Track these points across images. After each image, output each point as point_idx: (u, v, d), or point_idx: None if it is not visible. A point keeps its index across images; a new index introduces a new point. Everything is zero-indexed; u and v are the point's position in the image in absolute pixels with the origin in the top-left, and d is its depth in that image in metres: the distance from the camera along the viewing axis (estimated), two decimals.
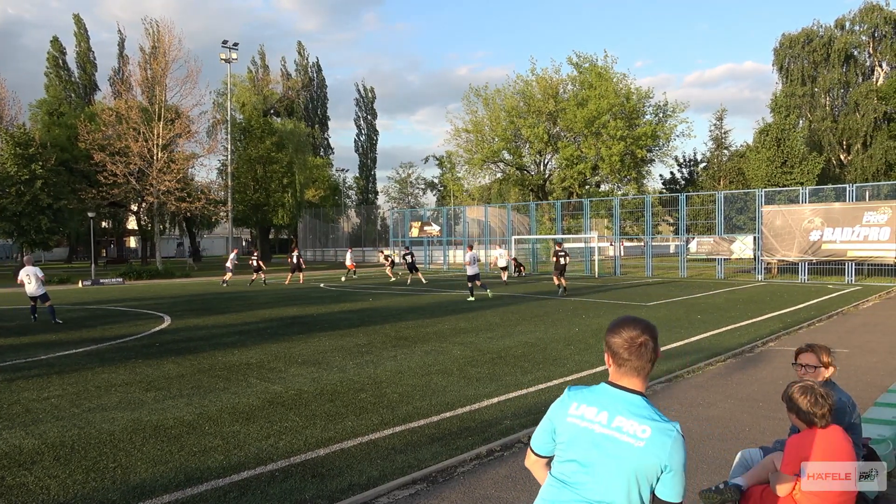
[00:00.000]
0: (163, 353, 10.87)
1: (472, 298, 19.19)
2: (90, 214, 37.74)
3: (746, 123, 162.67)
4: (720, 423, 6.53)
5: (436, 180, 79.90)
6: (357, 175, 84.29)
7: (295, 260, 28.32)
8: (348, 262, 32.33)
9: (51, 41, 59.67)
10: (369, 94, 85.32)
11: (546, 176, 45.57)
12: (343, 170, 76.57)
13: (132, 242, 74.52)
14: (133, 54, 53.80)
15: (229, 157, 44.51)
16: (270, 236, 67.32)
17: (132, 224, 60.03)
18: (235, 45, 41.60)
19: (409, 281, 27.34)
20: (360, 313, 16.53)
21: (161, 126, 38.81)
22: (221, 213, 48.83)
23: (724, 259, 28.45)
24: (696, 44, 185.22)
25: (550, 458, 2.31)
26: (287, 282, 28.08)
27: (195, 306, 19.13)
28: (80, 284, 30.45)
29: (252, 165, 49.91)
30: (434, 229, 41.28)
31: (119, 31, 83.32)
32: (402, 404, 7.30)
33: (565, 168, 41.01)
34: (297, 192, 54.74)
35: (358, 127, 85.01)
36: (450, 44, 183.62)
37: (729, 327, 13.00)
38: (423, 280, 27.48)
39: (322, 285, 27.13)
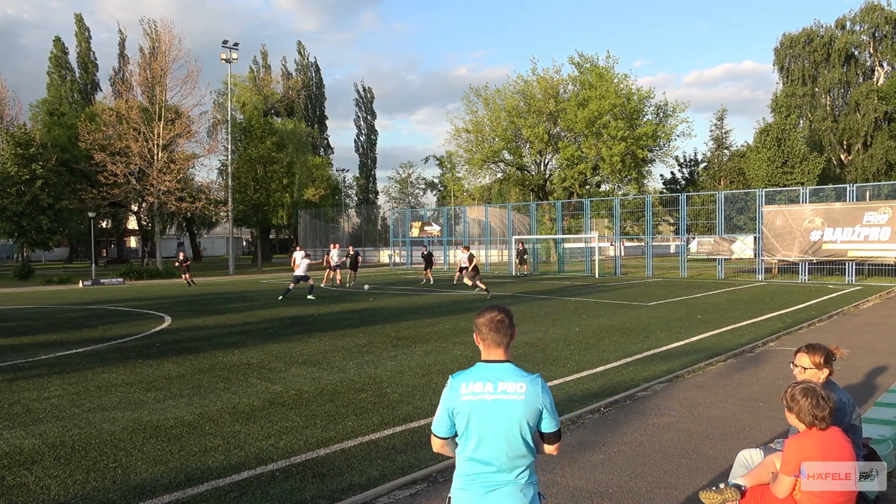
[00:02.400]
0: (163, 354, 10.87)
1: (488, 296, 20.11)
2: (90, 214, 37.77)
3: (746, 123, 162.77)
4: (720, 423, 6.53)
5: (436, 180, 79.92)
6: (357, 175, 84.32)
7: (353, 258, 27.37)
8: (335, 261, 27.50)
9: (53, 41, 59.78)
10: (368, 95, 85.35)
11: (546, 176, 45.56)
12: (343, 170, 76.68)
13: (132, 242, 74.55)
14: (133, 54, 53.87)
15: (229, 157, 44.49)
16: (271, 236, 67.30)
17: (132, 224, 60.07)
18: (236, 45, 41.56)
19: (424, 280, 27.32)
20: (361, 313, 16.53)
21: (161, 126, 38.82)
22: (222, 213, 48.84)
23: (725, 259, 28.44)
24: (695, 44, 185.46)
25: (452, 437, 2.72)
26: (340, 281, 27.50)
27: (195, 306, 19.14)
28: (80, 284, 30.47)
29: (252, 165, 49.88)
30: (434, 229, 41.28)
31: (119, 31, 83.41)
32: (403, 404, 7.30)
33: (566, 168, 40.99)
34: (296, 191, 54.73)
35: (358, 127, 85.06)
36: (448, 43, 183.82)
37: (729, 327, 13.00)
38: (432, 279, 27.47)
39: (322, 285, 27.13)
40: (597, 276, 30.27)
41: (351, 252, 27.22)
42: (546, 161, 45.66)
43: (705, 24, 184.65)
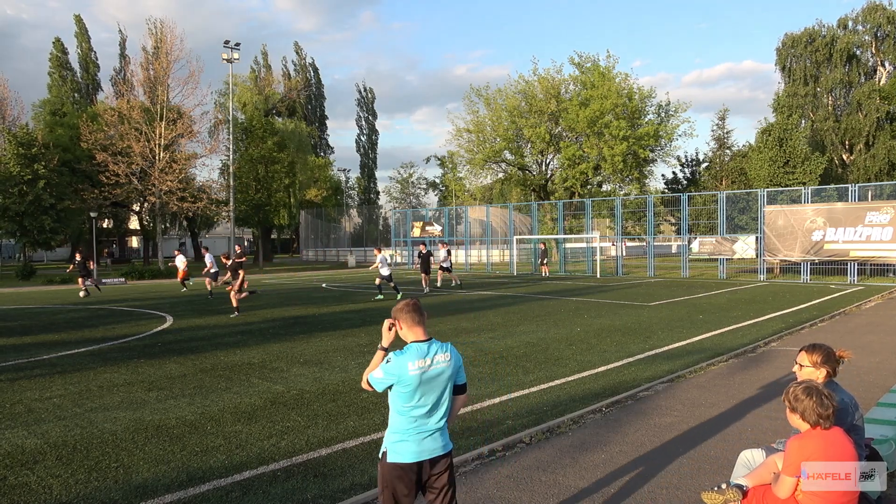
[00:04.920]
0: (165, 353, 10.88)
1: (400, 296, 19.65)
2: (92, 214, 37.83)
3: (746, 123, 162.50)
4: (722, 423, 6.52)
5: (437, 180, 79.90)
6: (359, 175, 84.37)
7: (425, 257, 23.89)
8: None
9: (53, 42, 59.81)
10: (369, 95, 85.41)
11: (548, 176, 45.56)
12: (345, 170, 76.69)
13: (134, 242, 74.61)
14: (135, 54, 53.95)
15: (231, 156, 44.51)
16: (273, 236, 67.34)
17: (134, 224, 60.12)
18: (237, 45, 41.58)
19: (442, 282, 25.27)
20: (362, 313, 16.54)
21: (163, 126, 38.84)
22: (223, 213, 48.87)
23: (727, 259, 28.42)
24: (695, 43, 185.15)
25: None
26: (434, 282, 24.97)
27: (197, 306, 19.15)
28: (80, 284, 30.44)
29: (254, 165, 49.93)
30: (436, 229, 41.29)
31: (120, 31, 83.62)
32: None
33: (567, 168, 40.99)
34: (298, 191, 54.77)
35: (359, 127, 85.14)
36: (447, 43, 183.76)
37: (731, 327, 12.99)
38: (440, 283, 26.14)
39: (324, 285, 27.14)
40: (598, 276, 30.26)
41: (423, 251, 23.72)
42: (548, 161, 45.67)
43: (705, 24, 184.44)
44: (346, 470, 5.32)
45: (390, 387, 3.30)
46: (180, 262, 26.31)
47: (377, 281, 20.68)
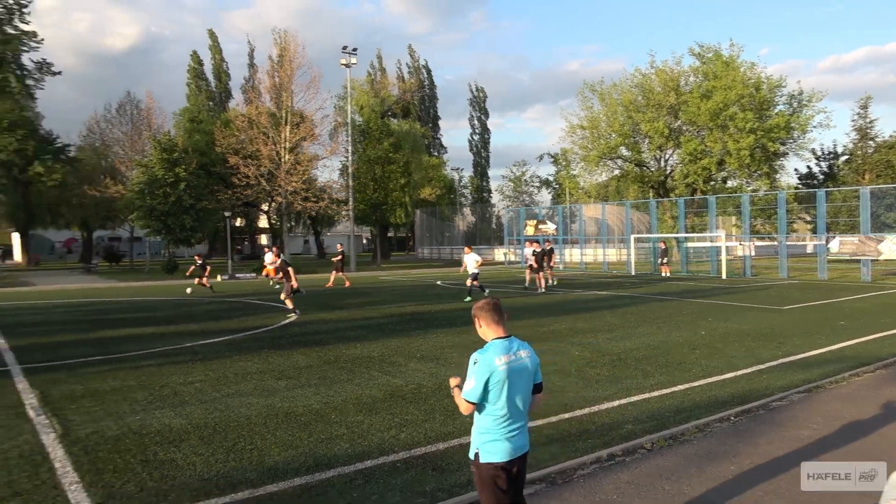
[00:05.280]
0: (292, 345, 11.50)
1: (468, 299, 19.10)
2: (226, 214, 40.67)
3: (892, 111, 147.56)
4: (869, 440, 5.97)
5: (551, 178, 78.95)
6: (471, 174, 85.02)
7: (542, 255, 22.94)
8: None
9: (191, 55, 64.99)
10: (481, 94, 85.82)
11: (667, 172, 43.73)
12: (458, 169, 77.48)
13: (263, 240, 79.44)
14: (261, 63, 57.34)
15: (350, 157, 46.31)
16: (389, 234, 69.34)
17: (263, 222, 64.02)
18: (354, 50, 43.13)
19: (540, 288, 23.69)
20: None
21: (288, 130, 41.07)
22: (343, 212, 50.94)
23: (871, 260, 25.99)
24: (829, 26, 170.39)
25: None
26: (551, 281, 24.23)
27: (320, 301, 20.08)
28: (218, 279, 32.85)
29: (371, 166, 51.61)
30: (549, 228, 40.81)
31: (248, 42, 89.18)
32: None
33: (688, 163, 39.15)
34: (413, 191, 56.00)
35: (472, 126, 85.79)
36: (558, 39, 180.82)
37: (878, 335, 11.86)
38: (549, 282, 24.82)
39: (439, 283, 27.60)
40: (724, 276, 28.65)
41: (538, 249, 22.78)
42: (667, 156, 43.85)
43: (841, 5, 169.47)
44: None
45: (485, 390, 3.31)
46: (268, 259, 27.23)
47: (468, 282, 19.64)
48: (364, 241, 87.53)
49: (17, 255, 63.73)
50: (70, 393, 8.03)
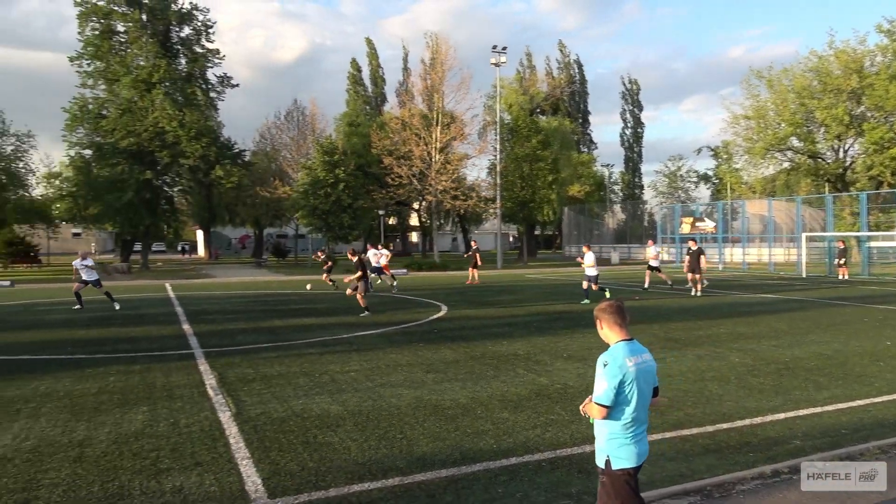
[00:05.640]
0: (440, 340, 11.81)
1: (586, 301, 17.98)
2: (380, 212, 42.70)
3: None
4: None
5: (710, 172, 74.21)
6: (622, 170, 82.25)
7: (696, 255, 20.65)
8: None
9: (350, 62, 68.81)
10: (634, 86, 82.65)
11: (846, 164, 39.45)
12: (608, 165, 75.26)
13: (413, 237, 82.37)
14: (415, 67, 59.37)
15: (498, 156, 46.64)
16: (536, 232, 69.02)
17: (414, 220, 66.37)
18: (504, 49, 43.30)
19: (650, 283, 22.52)
20: (628, 311, 16.07)
21: (438, 130, 42.22)
22: (490, 210, 51.48)
23: None
24: None
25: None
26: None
27: (468, 298, 20.45)
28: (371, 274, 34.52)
29: (519, 164, 51.56)
30: (708, 225, 38.44)
31: (403, 47, 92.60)
32: (672, 409, 6.92)
33: (873, 153, 35.01)
34: (561, 188, 55.24)
35: (623, 120, 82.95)
36: (719, 24, 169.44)
37: None
38: (646, 284, 22.81)
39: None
40: None
41: (694, 248, 20.89)
42: (846, 147, 39.55)
43: None
44: None
45: (617, 393, 3.26)
46: (381, 257, 27.28)
47: (585, 284, 18.59)
48: (510, 239, 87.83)
49: (201, 249, 71.30)
50: (243, 376, 8.84)
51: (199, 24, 44.93)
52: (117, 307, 17.52)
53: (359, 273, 15.67)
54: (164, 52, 42.40)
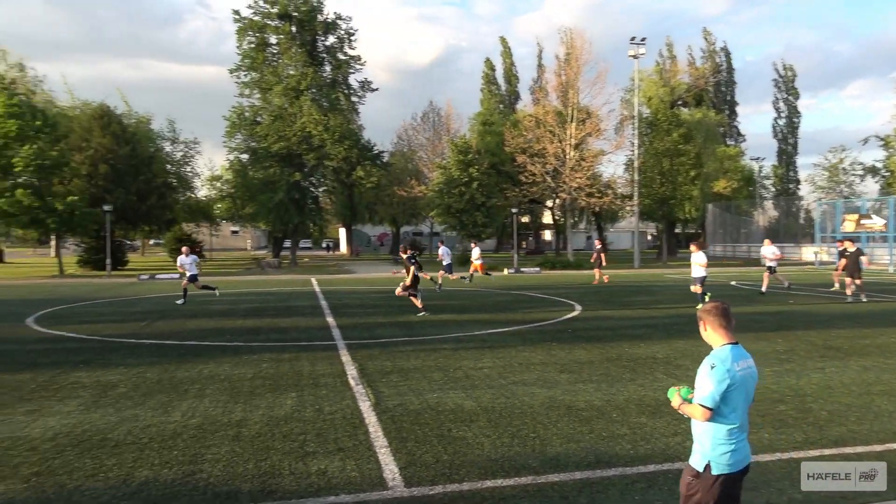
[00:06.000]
0: (574, 339, 11.60)
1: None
2: (513, 210, 42.67)
3: None
4: None
5: (878, 164, 66.87)
6: (775, 163, 76.22)
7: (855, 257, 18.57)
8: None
9: (484, 62, 69.26)
10: (789, 73, 76.17)
11: None
12: (758, 158, 70.02)
13: (547, 235, 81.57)
14: (549, 63, 58.70)
15: (635, 151, 44.97)
16: (676, 230, 65.83)
17: (547, 218, 65.72)
18: (643, 40, 41.59)
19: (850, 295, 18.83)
20: (777, 316, 14.94)
21: (573, 127, 41.47)
22: (627, 208, 49.78)
23: None
24: None
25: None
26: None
27: (603, 297, 19.93)
28: (505, 272, 34.68)
29: (658, 159, 49.40)
30: (876, 223, 34.69)
31: (537, 43, 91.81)
32: (833, 424, 6.33)
33: None
34: (704, 184, 52.24)
35: (776, 110, 76.71)
36: (886, 1, 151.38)
37: None
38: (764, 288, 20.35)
39: (733, 283, 25.40)
40: None
41: (852, 249, 18.86)
42: None
43: None
44: (760, 485, 4.86)
45: (723, 396, 3.19)
46: (475, 254, 26.57)
47: (693, 288, 17.23)
48: (649, 238, 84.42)
49: (343, 246, 75.15)
50: (382, 368, 9.20)
51: (343, 32, 47.27)
52: (217, 293, 19.98)
53: (411, 270, 15.62)
54: (310, 61, 45.08)
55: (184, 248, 19.60)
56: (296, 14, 45.38)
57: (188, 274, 18.80)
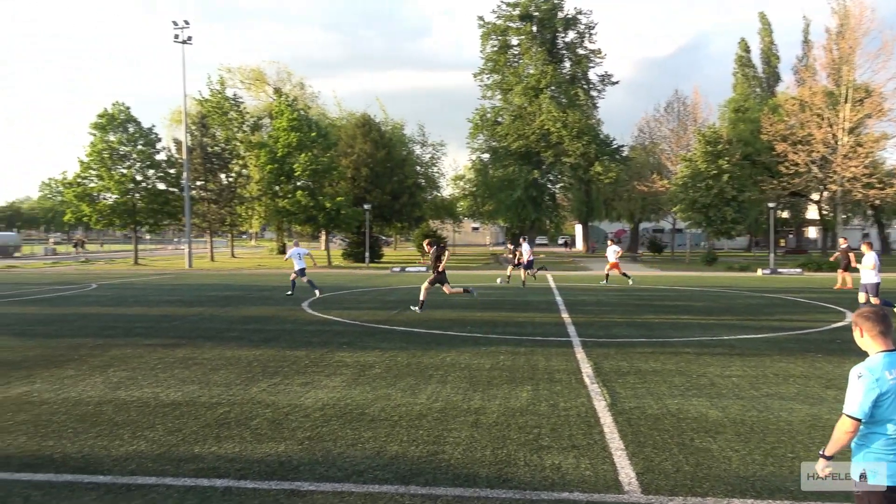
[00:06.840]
0: (844, 352, 10.10)
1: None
2: (770, 205, 38.54)
3: None
4: None
5: None
6: None
7: None
8: None
9: (738, 43, 63.43)
10: None
11: None
12: None
13: (811, 233, 72.42)
14: (818, 38, 51.73)
15: None
16: None
17: (812, 213, 58.19)
18: None
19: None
20: None
21: (847, 108, 36.09)
22: None
23: None
24: None
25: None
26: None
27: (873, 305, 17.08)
28: (758, 273, 31.53)
29: None
30: None
31: (803, 17, 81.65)
32: None
33: None
34: None
35: None
36: None
37: None
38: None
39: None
40: None
41: None
42: None
43: None
44: None
45: (873, 406, 3.04)
46: (611, 253, 23.81)
47: (861, 297, 15.01)
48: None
49: (579, 243, 74.64)
50: (618, 368, 8.94)
51: (583, 26, 46.86)
52: (317, 294, 19.28)
53: (437, 266, 15.57)
54: (550, 59, 45.46)
55: (294, 240, 21.26)
56: (536, 13, 46.07)
57: (297, 268, 19.85)
